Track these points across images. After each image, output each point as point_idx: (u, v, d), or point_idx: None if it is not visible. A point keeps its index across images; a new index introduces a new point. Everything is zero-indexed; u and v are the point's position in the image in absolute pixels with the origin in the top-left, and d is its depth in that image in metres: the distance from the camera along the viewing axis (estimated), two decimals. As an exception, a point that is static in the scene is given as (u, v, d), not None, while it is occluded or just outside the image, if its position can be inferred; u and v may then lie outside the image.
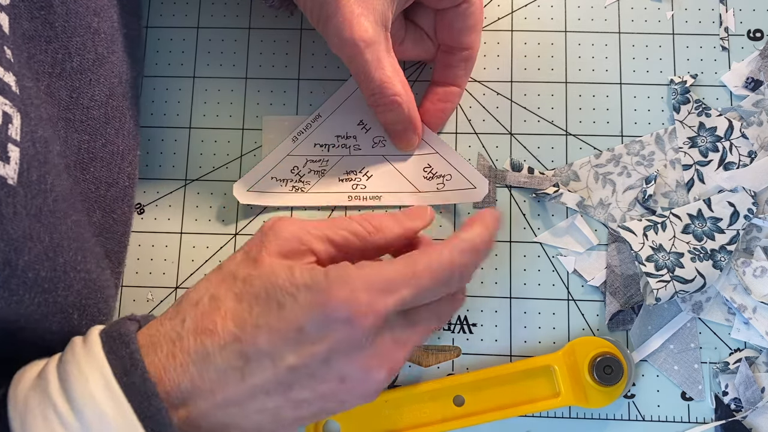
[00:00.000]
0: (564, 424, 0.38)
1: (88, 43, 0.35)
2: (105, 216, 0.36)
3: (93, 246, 0.34)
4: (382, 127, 0.40)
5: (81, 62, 0.34)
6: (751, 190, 0.38)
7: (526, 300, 0.39)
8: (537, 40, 0.42)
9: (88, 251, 0.32)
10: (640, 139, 0.40)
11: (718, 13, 0.42)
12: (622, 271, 0.39)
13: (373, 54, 0.35)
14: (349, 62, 0.36)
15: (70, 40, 0.33)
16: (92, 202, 0.35)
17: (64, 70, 0.33)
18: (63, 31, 0.33)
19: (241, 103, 0.42)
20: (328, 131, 0.41)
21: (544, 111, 0.41)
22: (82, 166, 0.34)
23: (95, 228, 0.35)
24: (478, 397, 0.37)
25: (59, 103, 0.33)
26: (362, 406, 0.37)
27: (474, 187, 0.39)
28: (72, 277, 0.30)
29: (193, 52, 0.43)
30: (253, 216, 0.41)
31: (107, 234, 0.37)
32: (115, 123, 0.37)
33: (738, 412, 0.37)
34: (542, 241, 0.40)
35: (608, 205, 0.40)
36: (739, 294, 0.38)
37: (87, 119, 0.35)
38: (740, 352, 0.38)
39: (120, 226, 0.38)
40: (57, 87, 0.33)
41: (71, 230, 0.31)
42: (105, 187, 0.36)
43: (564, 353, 0.37)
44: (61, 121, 0.33)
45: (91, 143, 0.35)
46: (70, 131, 0.34)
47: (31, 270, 0.27)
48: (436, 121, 0.41)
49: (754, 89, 0.40)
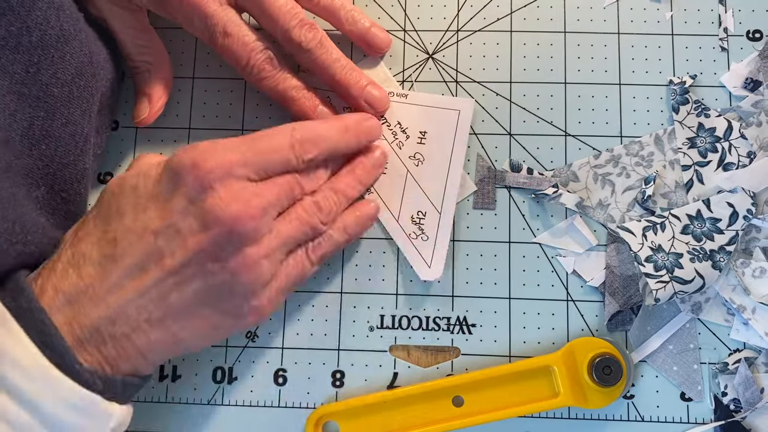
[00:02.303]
0: (563, 424, 0.38)
1: (52, 18, 0.34)
2: (52, 194, 0.36)
3: (37, 217, 0.34)
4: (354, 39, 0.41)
5: (42, 37, 0.33)
6: (750, 190, 0.38)
7: (525, 300, 0.39)
8: (537, 40, 0.42)
9: (27, 223, 0.33)
10: (639, 140, 0.40)
11: (717, 13, 0.42)
12: (622, 271, 0.39)
13: None
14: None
15: (29, 14, 0.33)
16: (37, 178, 0.34)
17: (20, 44, 0.32)
18: (19, 4, 0.32)
19: (241, 103, 0.42)
20: None
21: (544, 111, 0.41)
22: (31, 141, 0.34)
23: (36, 203, 0.35)
24: (477, 398, 0.37)
25: (12, 77, 0.32)
26: (362, 405, 0.37)
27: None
28: (5, 249, 0.31)
29: (193, 52, 0.43)
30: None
31: (53, 210, 0.36)
32: (82, 104, 0.36)
33: (737, 412, 0.37)
34: (541, 242, 0.40)
35: (607, 205, 0.40)
36: (739, 294, 0.38)
37: (46, 96, 0.34)
38: (739, 353, 0.38)
39: (71, 206, 0.37)
40: (10, 60, 0.32)
41: (6, 202, 0.31)
42: (57, 166, 0.35)
43: (563, 354, 0.37)
44: (12, 94, 0.32)
45: (47, 120, 0.34)
46: (22, 105, 0.33)
47: None
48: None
49: (753, 90, 0.40)
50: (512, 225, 0.40)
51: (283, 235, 0.33)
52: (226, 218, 0.31)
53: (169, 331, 0.31)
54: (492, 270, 0.40)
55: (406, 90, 0.42)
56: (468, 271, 0.40)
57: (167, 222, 0.31)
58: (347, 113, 0.40)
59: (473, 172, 0.41)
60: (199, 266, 0.31)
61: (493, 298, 0.39)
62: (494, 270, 0.40)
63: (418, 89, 0.42)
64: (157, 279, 0.31)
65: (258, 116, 0.42)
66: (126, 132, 0.42)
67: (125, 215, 0.32)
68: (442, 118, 0.40)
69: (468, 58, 0.42)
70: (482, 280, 0.40)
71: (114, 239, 0.31)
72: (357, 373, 0.39)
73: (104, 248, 0.31)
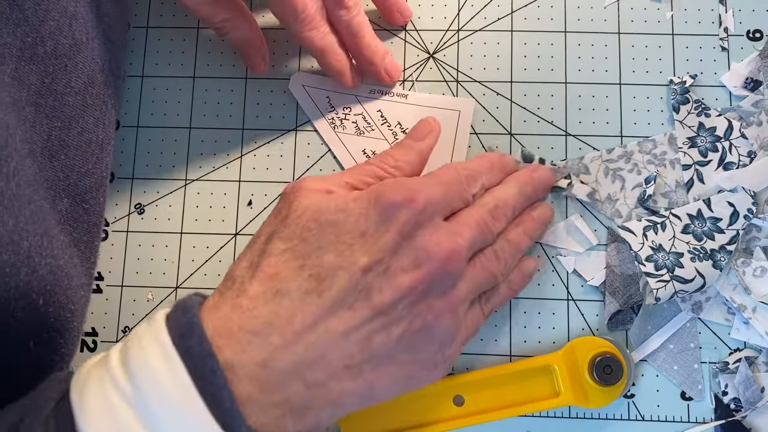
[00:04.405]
0: (563, 424, 0.38)
1: (64, 28, 0.34)
2: (74, 205, 0.35)
3: (58, 233, 0.33)
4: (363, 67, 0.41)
5: (55, 47, 0.33)
6: (750, 190, 0.38)
7: (525, 300, 0.39)
8: (537, 40, 0.42)
9: (54, 238, 0.32)
10: (653, 138, 0.40)
11: (717, 13, 0.42)
12: (622, 270, 0.39)
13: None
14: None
15: (42, 24, 0.32)
16: (59, 190, 0.34)
17: (35, 55, 0.32)
18: (34, 14, 0.32)
19: (241, 103, 0.42)
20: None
21: (544, 111, 0.41)
22: (51, 152, 0.33)
23: (60, 216, 0.34)
24: (478, 397, 0.37)
25: (29, 88, 0.32)
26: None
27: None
28: (36, 262, 0.30)
29: (193, 52, 0.43)
30: (253, 216, 0.41)
31: (74, 223, 0.36)
32: (95, 112, 0.36)
33: (738, 412, 0.37)
34: (542, 242, 0.40)
35: (616, 200, 0.40)
36: (739, 294, 0.38)
37: (61, 106, 0.34)
38: (740, 352, 0.38)
39: (92, 216, 0.37)
40: (26, 71, 0.32)
41: (35, 215, 0.30)
42: (77, 175, 0.35)
43: (564, 353, 0.37)
44: (30, 106, 0.32)
45: (64, 131, 0.34)
46: (39, 117, 0.33)
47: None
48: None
49: (754, 89, 0.40)
50: (513, 224, 0.40)
51: (473, 282, 0.32)
52: (440, 256, 0.29)
53: (366, 379, 0.28)
54: (492, 269, 0.40)
55: (406, 90, 0.42)
56: (468, 271, 0.40)
57: (375, 258, 0.28)
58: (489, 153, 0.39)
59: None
60: (407, 306, 0.28)
61: (493, 297, 0.39)
62: (495, 269, 0.40)
63: (419, 89, 0.42)
64: (365, 318, 0.28)
65: (258, 116, 0.42)
66: (126, 132, 0.42)
67: (327, 251, 0.28)
68: (443, 118, 0.40)
69: (469, 57, 0.42)
70: (483, 279, 0.40)
71: (318, 276, 0.28)
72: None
73: (304, 284, 0.28)
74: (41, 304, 0.31)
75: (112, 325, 0.40)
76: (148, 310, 0.40)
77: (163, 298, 0.40)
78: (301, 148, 0.42)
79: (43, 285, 0.31)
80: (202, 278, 0.41)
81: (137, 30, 0.43)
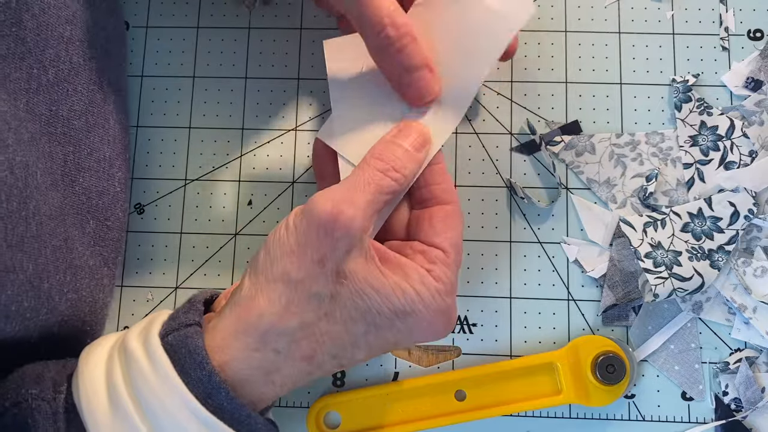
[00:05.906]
0: (564, 423, 0.38)
1: (62, 54, 0.34)
2: (99, 225, 0.36)
3: (86, 260, 0.33)
4: (393, 80, 0.33)
5: (56, 74, 0.34)
6: (751, 190, 0.38)
7: (526, 300, 0.39)
8: (537, 40, 0.42)
9: (78, 268, 0.32)
10: (662, 133, 0.40)
11: (718, 13, 0.42)
12: (624, 266, 0.39)
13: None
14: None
15: (43, 53, 0.33)
16: (84, 213, 0.35)
17: (41, 85, 0.33)
18: (35, 45, 0.32)
19: (241, 103, 0.42)
20: None
21: (544, 111, 0.41)
22: (71, 178, 0.34)
23: (89, 238, 0.35)
24: (480, 393, 0.37)
25: (40, 118, 0.32)
26: (364, 396, 0.37)
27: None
28: (57, 301, 0.30)
29: (193, 52, 0.43)
30: (253, 216, 0.41)
31: (102, 243, 0.36)
32: (99, 130, 0.37)
33: (738, 412, 0.37)
34: (544, 239, 0.40)
35: (614, 186, 0.40)
36: (740, 294, 0.38)
37: (69, 131, 0.34)
38: (740, 352, 0.38)
39: (115, 232, 0.37)
40: (36, 103, 0.32)
41: (58, 251, 0.30)
42: (96, 196, 0.36)
43: (567, 351, 0.37)
44: (44, 136, 0.32)
45: (77, 154, 0.35)
46: (53, 145, 0.33)
47: (14, 303, 0.27)
48: None
49: (755, 89, 0.40)
50: (513, 224, 0.40)
51: None
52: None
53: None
54: (493, 269, 0.40)
55: None
56: (469, 271, 0.40)
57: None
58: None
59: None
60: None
61: (493, 297, 0.39)
62: (495, 269, 0.40)
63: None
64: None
65: (258, 116, 0.42)
66: (126, 131, 0.42)
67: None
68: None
69: (469, 57, 0.42)
70: (483, 279, 0.40)
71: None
72: (358, 372, 0.39)
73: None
74: (56, 330, 0.31)
75: (112, 325, 0.40)
76: (147, 310, 0.40)
77: (162, 298, 0.40)
78: (301, 148, 0.42)
79: (61, 318, 0.31)
80: (202, 278, 0.40)
81: (137, 30, 0.43)
